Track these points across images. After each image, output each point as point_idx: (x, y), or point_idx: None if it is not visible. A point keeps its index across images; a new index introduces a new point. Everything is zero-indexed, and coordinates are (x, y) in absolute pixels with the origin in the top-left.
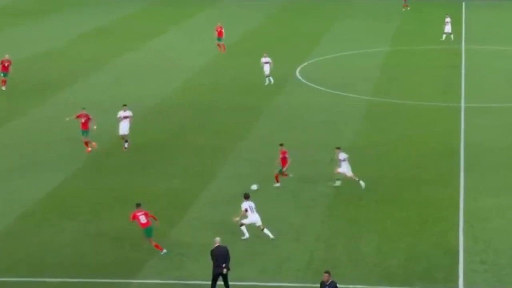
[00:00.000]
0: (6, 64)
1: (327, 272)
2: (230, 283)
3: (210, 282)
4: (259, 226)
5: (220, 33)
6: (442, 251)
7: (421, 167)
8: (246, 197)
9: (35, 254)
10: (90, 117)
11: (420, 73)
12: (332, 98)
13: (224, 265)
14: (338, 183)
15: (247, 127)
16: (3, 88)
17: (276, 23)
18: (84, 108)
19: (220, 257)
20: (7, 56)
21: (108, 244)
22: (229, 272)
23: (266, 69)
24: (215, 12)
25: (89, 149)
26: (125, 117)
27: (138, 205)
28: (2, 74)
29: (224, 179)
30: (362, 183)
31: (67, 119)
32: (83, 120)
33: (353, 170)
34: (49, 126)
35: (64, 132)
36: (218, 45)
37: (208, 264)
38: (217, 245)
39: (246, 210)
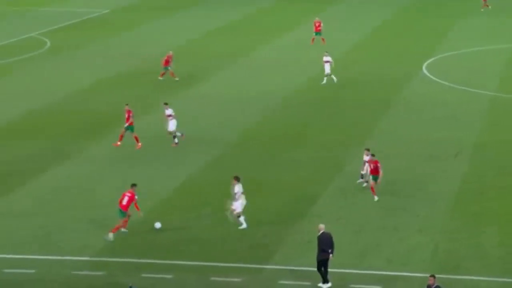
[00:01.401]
0: (170, 60)
1: (432, 275)
2: (358, 271)
3: (337, 270)
4: (239, 212)
5: (318, 28)
6: None
7: None
8: (238, 179)
9: (170, 239)
10: (132, 113)
11: None
12: (457, 94)
13: (330, 250)
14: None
15: (373, 121)
16: (160, 78)
17: (404, 18)
18: (127, 104)
19: (325, 243)
20: (170, 53)
21: (242, 231)
22: (333, 258)
23: (327, 68)
24: (344, 7)
25: (140, 144)
26: (169, 116)
27: (133, 185)
28: (164, 69)
29: (351, 172)
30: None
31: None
32: (126, 116)
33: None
34: (183, 118)
35: (198, 124)
36: (313, 39)
37: (337, 252)
38: (322, 231)
39: (238, 193)
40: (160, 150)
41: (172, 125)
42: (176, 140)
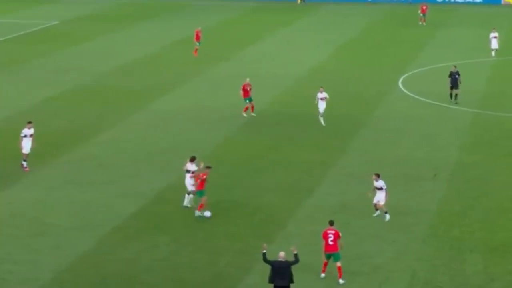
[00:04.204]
0: (248, 88)
1: None
2: None
3: None
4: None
5: (197, 37)
6: None
7: None
8: (193, 159)
9: (126, 269)
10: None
11: None
12: (436, 110)
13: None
14: (377, 213)
15: (346, 140)
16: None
17: (378, 30)
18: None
19: (281, 271)
20: (247, 80)
21: (204, 260)
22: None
23: (321, 106)
24: (313, 20)
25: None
26: (29, 135)
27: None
28: (246, 101)
29: (322, 195)
30: (388, 216)
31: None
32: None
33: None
34: (142, 136)
35: (157, 144)
36: (197, 49)
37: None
38: (280, 259)
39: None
40: (115, 171)
41: (28, 146)
42: (25, 164)
